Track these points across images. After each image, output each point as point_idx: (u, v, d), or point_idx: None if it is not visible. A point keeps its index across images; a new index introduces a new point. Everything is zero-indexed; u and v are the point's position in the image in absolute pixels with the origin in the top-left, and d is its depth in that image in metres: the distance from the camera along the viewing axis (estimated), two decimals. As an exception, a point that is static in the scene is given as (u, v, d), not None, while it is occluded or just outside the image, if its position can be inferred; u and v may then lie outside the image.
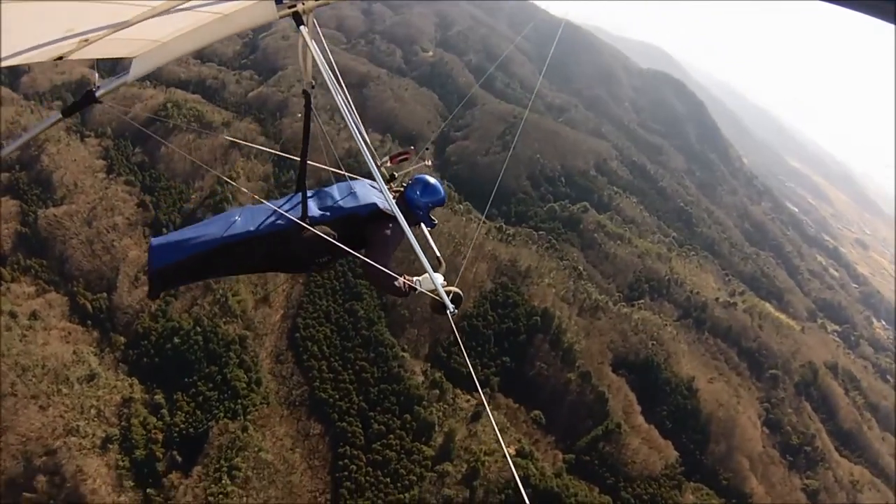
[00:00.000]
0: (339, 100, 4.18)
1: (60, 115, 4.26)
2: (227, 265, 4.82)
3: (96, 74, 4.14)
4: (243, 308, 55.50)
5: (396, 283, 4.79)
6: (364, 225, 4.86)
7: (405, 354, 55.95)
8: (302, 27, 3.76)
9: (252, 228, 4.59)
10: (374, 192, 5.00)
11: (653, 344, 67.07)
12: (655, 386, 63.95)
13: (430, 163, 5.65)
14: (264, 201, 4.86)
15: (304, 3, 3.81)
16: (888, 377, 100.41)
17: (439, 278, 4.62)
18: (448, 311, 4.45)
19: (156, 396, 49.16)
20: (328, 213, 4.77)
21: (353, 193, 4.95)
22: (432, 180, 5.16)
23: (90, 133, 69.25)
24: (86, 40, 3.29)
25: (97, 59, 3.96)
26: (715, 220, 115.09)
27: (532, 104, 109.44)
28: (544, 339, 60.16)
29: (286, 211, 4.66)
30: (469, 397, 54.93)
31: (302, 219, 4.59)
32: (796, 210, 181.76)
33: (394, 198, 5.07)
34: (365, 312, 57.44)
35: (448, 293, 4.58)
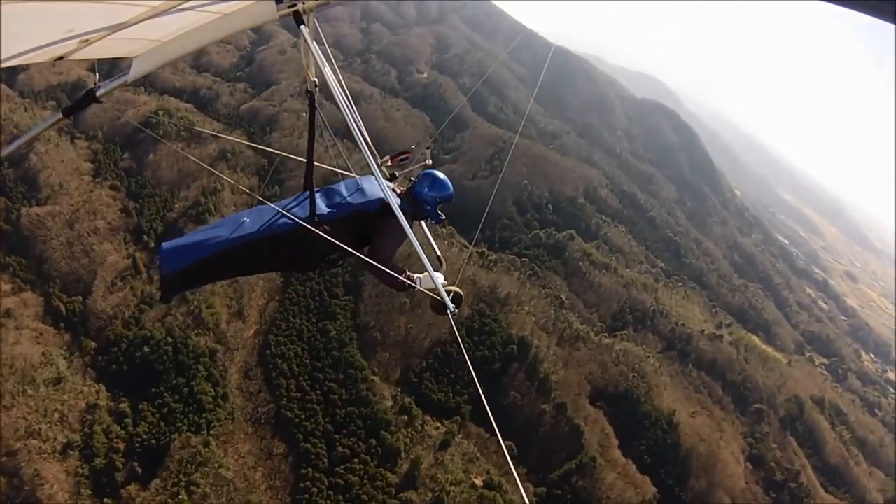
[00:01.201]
0: (340, 99, 4.12)
1: (61, 115, 4.20)
2: (238, 267, 4.84)
3: (97, 74, 4.02)
4: (217, 321, 53.90)
5: (398, 279, 4.66)
6: (373, 220, 4.78)
7: (375, 378, 53.76)
8: (302, 27, 3.71)
9: (261, 229, 4.53)
10: (380, 189, 4.84)
11: (633, 376, 64.26)
12: (634, 419, 61.10)
13: (430, 162, 5.43)
14: (271, 203, 4.75)
15: (304, 3, 3.69)
16: (876, 411, 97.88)
17: (440, 277, 4.56)
18: (448, 311, 4.40)
19: (121, 405, 47.53)
20: (336, 210, 4.69)
21: (360, 189, 4.88)
22: (441, 175, 5.13)
23: (81, 135, 68.26)
24: (86, 41, 3.29)
25: (97, 60, 3.87)
26: (704, 250, 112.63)
27: (524, 130, 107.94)
28: (520, 369, 57.56)
29: (295, 210, 4.63)
30: (438, 424, 52.61)
31: (310, 218, 4.54)
32: (787, 242, 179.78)
33: (399, 195, 5.07)
34: (337, 333, 55.62)
35: (448, 292, 4.49)
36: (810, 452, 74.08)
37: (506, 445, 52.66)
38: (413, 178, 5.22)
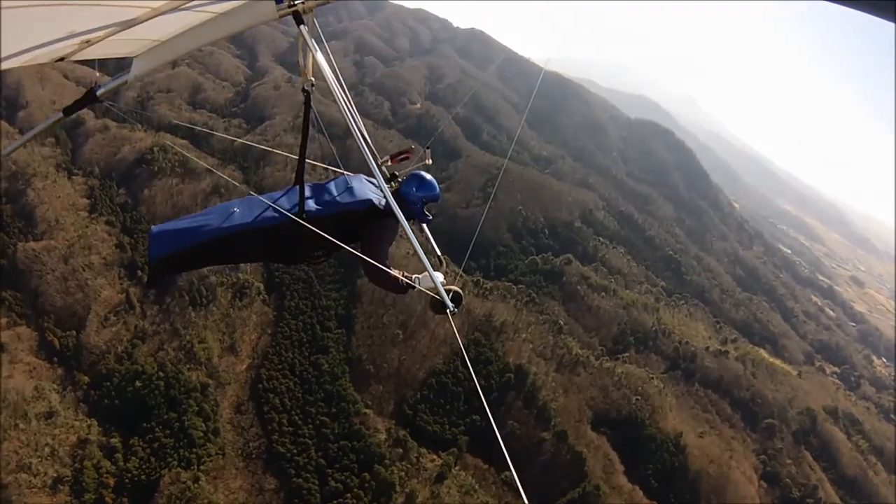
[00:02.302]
0: (340, 99, 4.16)
1: (62, 114, 4.08)
2: (225, 256, 4.81)
3: (97, 73, 3.89)
4: (208, 355, 52.72)
5: (395, 279, 4.50)
6: (359, 221, 4.73)
7: (368, 411, 51.81)
8: (302, 27, 3.69)
9: (249, 221, 4.49)
10: (370, 189, 4.88)
11: (637, 399, 61.42)
12: (639, 443, 58.12)
13: (430, 162, 5.25)
14: (259, 196, 4.64)
15: (304, 3, 3.66)
16: (892, 416, 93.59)
17: (439, 277, 4.39)
18: (448, 311, 4.25)
19: (112, 440, 46.18)
20: (324, 209, 4.62)
21: (349, 189, 4.82)
22: (428, 176, 5.07)
23: (78, 171, 68.11)
24: (87, 41, 3.28)
25: (98, 60, 3.83)
26: (705, 266, 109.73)
27: (518, 156, 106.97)
28: (517, 397, 55.19)
29: (284, 204, 4.57)
30: (434, 457, 50.35)
31: (298, 214, 4.46)
32: (789, 252, 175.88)
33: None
34: (330, 366, 54.10)
35: (448, 292, 4.32)
36: (826, 466, 70.57)
37: (506, 476, 50.26)
38: (400, 180, 5.15)
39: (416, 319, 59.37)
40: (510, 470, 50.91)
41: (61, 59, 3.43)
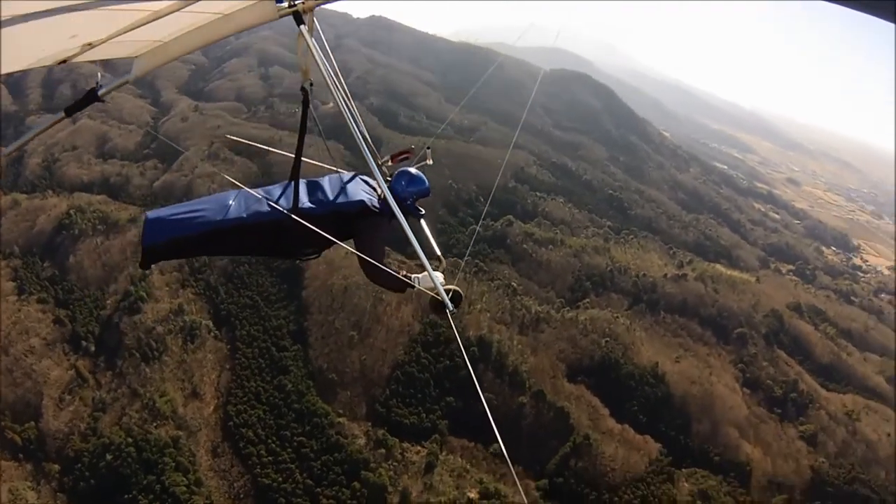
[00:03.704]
0: (339, 98, 4.28)
1: (63, 114, 4.10)
2: (217, 247, 4.84)
3: (99, 74, 3.95)
4: (173, 407, 49.90)
5: (394, 277, 4.62)
6: (351, 221, 4.81)
7: (342, 420, 50.07)
8: (302, 27, 3.75)
9: (244, 215, 4.54)
10: (362, 188, 4.99)
11: (606, 341, 61.52)
12: (619, 383, 58.25)
13: (430, 162, 5.54)
14: (254, 191, 4.77)
15: (303, 3, 3.74)
16: (852, 298, 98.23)
17: (439, 276, 4.53)
18: (447, 310, 4.39)
19: None
20: (317, 207, 4.69)
21: (343, 189, 4.91)
22: (416, 172, 5.24)
23: None
24: (89, 44, 3.33)
25: (99, 61, 3.89)
26: (647, 198, 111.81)
27: (441, 131, 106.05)
28: (486, 368, 54.18)
29: (278, 200, 4.66)
30: (419, 448, 49.02)
31: (293, 211, 4.53)
32: (725, 167, 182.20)
33: (379, 194, 5.02)
34: (293, 385, 52.08)
35: (447, 291, 4.48)
36: (801, 359, 73.04)
37: (494, 448, 49.58)
38: (389, 178, 5.22)
39: (367, 317, 57.92)
40: (498, 442, 50.22)
41: (63, 61, 3.47)
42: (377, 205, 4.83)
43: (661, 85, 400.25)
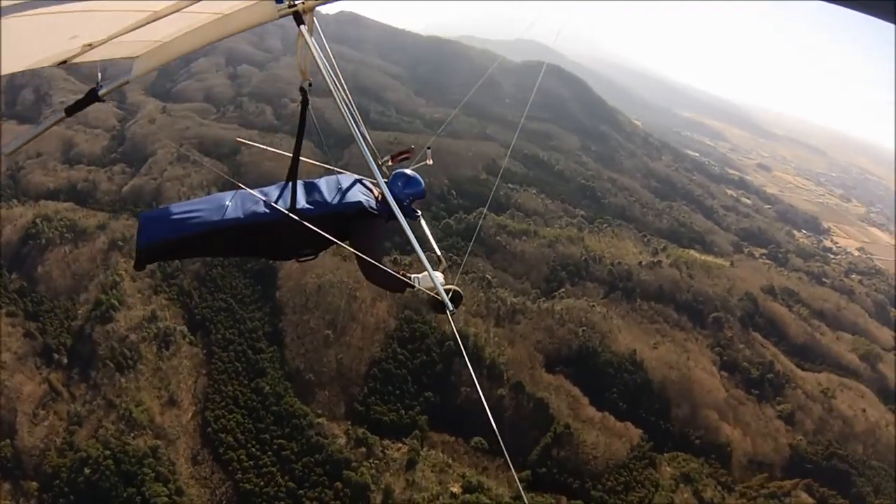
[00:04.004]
0: (339, 98, 4.36)
1: (64, 114, 4.07)
2: (214, 248, 4.91)
3: (99, 74, 3.98)
4: (150, 417, 48.81)
5: (393, 278, 4.65)
6: (349, 222, 4.80)
7: (321, 420, 49.33)
8: (302, 27, 3.73)
9: (241, 216, 4.51)
10: (359, 190, 4.98)
11: (583, 330, 61.66)
12: (597, 372, 58.51)
13: (431, 162, 5.60)
14: (252, 191, 4.72)
15: (303, 3, 3.73)
16: (824, 279, 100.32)
17: (439, 276, 4.56)
18: (448, 310, 4.43)
19: None
20: (314, 208, 4.67)
21: (340, 190, 4.89)
22: (413, 174, 5.28)
23: None
24: (89, 44, 3.34)
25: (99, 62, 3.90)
26: (620, 186, 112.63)
27: (410, 125, 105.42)
28: (463, 363, 54.02)
29: (276, 200, 4.64)
30: (400, 445, 48.54)
31: (290, 211, 4.53)
32: (697, 154, 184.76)
33: (376, 195, 5.06)
34: (271, 387, 51.14)
35: (447, 291, 4.50)
36: (776, 340, 74.56)
37: (475, 442, 49.39)
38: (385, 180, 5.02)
39: (342, 315, 57.24)
40: (479, 435, 49.99)
41: (64, 62, 3.47)
42: (374, 206, 4.83)
43: (634, 74, 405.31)
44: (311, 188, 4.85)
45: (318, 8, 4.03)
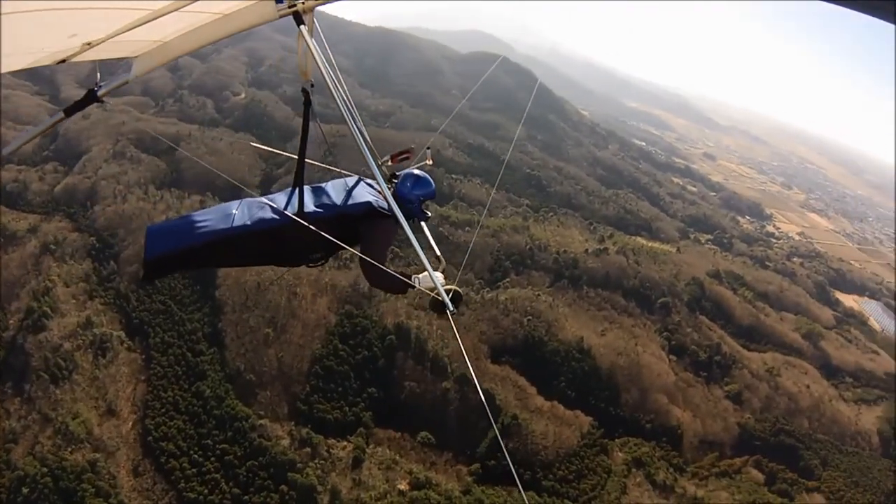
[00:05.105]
0: (339, 98, 4.32)
1: (63, 114, 4.15)
2: (223, 258, 4.91)
3: (98, 74, 3.99)
4: (88, 429, 46.50)
5: (395, 279, 4.67)
6: (358, 223, 4.82)
7: (264, 421, 48.07)
8: (301, 27, 3.80)
9: (249, 223, 4.54)
10: (367, 191, 5.00)
11: (529, 319, 62.05)
12: (544, 361, 59.00)
13: (430, 162, 5.61)
14: (259, 198, 4.80)
15: (303, 3, 3.77)
16: (767, 263, 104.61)
17: (439, 277, 4.61)
18: (448, 311, 4.46)
19: None
20: (323, 211, 4.69)
21: (348, 191, 4.94)
22: (423, 174, 5.27)
23: None
24: (88, 43, 3.36)
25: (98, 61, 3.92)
26: (566, 175, 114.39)
27: (355, 116, 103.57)
28: (406, 356, 53.40)
29: (283, 207, 4.66)
30: (345, 443, 47.60)
31: (298, 215, 4.54)
32: (643, 143, 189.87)
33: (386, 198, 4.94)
34: (212, 390, 49.51)
35: (447, 291, 4.55)
36: (723, 323, 77.27)
37: (422, 437, 49.06)
38: (395, 180, 5.26)
39: (282, 312, 55.89)
40: (425, 430, 49.69)
41: (63, 60, 3.48)
42: (384, 206, 4.82)
43: (581, 65, 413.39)
44: (318, 192, 4.89)
45: (317, 8, 4.06)
